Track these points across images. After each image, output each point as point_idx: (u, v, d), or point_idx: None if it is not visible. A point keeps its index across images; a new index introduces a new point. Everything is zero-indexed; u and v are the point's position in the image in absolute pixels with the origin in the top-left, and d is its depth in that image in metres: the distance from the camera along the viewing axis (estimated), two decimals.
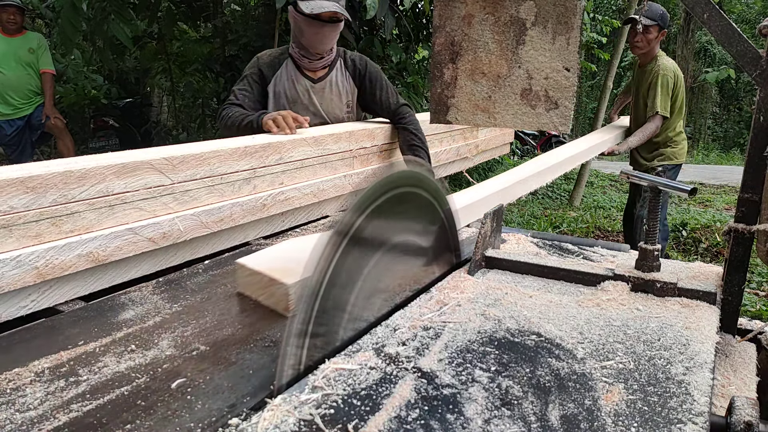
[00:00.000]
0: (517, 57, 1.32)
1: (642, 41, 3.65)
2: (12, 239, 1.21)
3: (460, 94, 1.40)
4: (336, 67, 2.48)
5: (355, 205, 1.00)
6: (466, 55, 1.36)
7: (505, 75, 1.34)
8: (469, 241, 1.67)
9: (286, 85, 2.40)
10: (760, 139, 1.32)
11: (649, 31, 3.61)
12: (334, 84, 2.47)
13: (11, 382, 0.95)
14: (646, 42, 3.65)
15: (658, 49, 3.72)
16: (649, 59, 3.73)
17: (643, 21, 3.56)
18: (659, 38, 3.67)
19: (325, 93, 2.45)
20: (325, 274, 0.95)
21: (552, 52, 1.29)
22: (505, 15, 1.31)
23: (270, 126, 2.02)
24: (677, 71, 3.71)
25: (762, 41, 1.32)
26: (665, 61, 3.69)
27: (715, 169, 11.14)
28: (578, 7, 1.25)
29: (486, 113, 1.38)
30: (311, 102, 2.43)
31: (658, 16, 3.62)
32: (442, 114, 1.43)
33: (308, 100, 2.43)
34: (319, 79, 2.44)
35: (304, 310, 0.91)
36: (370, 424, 0.78)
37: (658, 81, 3.61)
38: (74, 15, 4.15)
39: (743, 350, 1.41)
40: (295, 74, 2.41)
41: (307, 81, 2.42)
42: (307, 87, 2.42)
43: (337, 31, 2.36)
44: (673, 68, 3.68)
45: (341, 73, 2.49)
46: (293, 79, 2.40)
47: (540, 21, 1.28)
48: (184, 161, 1.55)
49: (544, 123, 1.34)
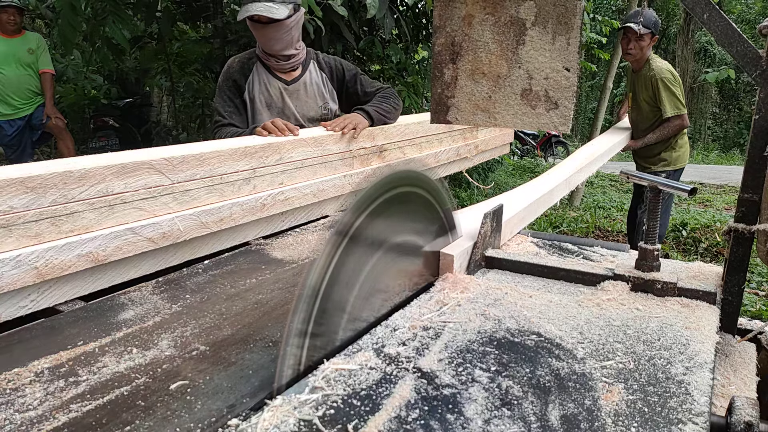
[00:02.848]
0: (517, 57, 1.32)
1: (635, 48, 3.70)
2: (12, 239, 1.21)
3: (461, 94, 1.40)
4: (309, 69, 2.42)
5: (355, 205, 1.00)
6: (466, 56, 1.36)
7: (505, 75, 1.34)
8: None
9: (258, 89, 2.34)
10: (760, 139, 1.32)
11: (643, 38, 3.66)
12: (309, 85, 2.41)
13: (11, 382, 0.95)
14: (639, 49, 3.70)
15: (650, 52, 3.78)
16: (641, 64, 3.78)
17: (640, 30, 3.60)
18: (651, 44, 3.73)
19: (300, 94, 2.40)
20: (326, 274, 0.95)
21: (552, 52, 1.29)
22: (505, 15, 1.31)
23: (262, 134, 1.99)
24: (672, 69, 3.76)
25: (762, 41, 1.32)
26: (659, 63, 3.73)
27: (715, 169, 11.14)
28: (578, 7, 1.25)
29: (486, 113, 1.38)
30: (285, 104, 2.37)
31: (652, 23, 3.67)
32: (442, 114, 1.43)
33: (282, 102, 2.37)
34: (293, 80, 2.38)
35: (304, 310, 0.91)
36: (370, 425, 0.78)
37: (659, 85, 3.65)
38: (73, 15, 4.14)
39: (743, 350, 1.41)
40: (267, 77, 2.35)
41: (279, 83, 2.36)
42: (281, 89, 2.36)
43: (283, 30, 2.23)
44: (667, 68, 3.73)
45: (316, 73, 2.44)
46: (265, 83, 2.34)
47: (540, 21, 1.28)
48: (184, 161, 1.55)
49: (544, 123, 1.34)
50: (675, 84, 3.68)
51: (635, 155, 4.05)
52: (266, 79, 2.34)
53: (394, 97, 2.48)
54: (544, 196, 2.07)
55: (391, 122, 2.42)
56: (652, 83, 3.68)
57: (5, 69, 4.87)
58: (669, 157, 3.83)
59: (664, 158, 3.83)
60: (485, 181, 7.48)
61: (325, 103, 2.45)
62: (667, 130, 3.72)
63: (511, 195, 2.04)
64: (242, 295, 1.35)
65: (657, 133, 3.77)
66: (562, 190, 2.37)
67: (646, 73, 3.73)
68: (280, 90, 2.35)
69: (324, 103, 2.45)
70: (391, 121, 2.42)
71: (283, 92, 2.36)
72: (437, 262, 1.35)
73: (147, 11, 5.15)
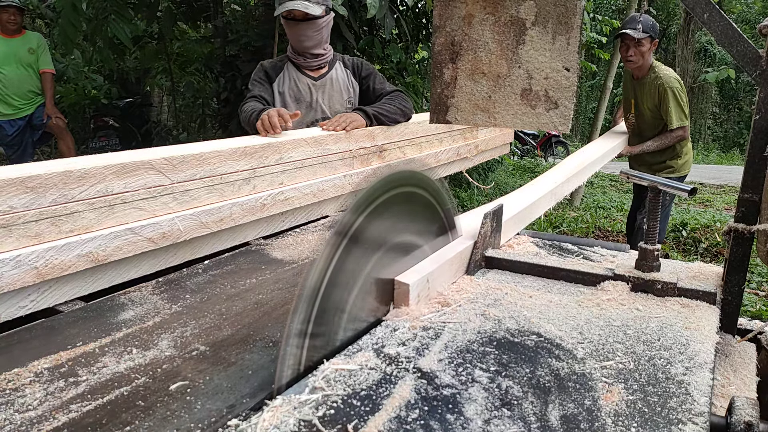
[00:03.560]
0: (517, 57, 1.32)
1: (636, 54, 3.57)
2: (12, 239, 1.21)
3: (460, 94, 1.40)
4: (336, 67, 2.61)
5: (355, 205, 1.00)
6: (466, 55, 1.36)
7: (505, 75, 1.34)
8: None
9: (288, 84, 2.54)
10: (760, 139, 1.32)
11: (641, 43, 3.53)
12: (335, 80, 2.59)
13: (10, 382, 0.95)
14: (639, 55, 3.57)
15: (652, 59, 3.65)
16: (645, 71, 3.65)
17: (638, 35, 3.48)
18: (652, 49, 3.59)
19: (327, 89, 2.58)
20: (325, 274, 0.95)
21: (552, 52, 1.29)
22: (505, 15, 1.30)
23: (259, 129, 2.03)
24: (678, 77, 3.65)
25: (762, 41, 1.32)
26: (665, 71, 3.61)
27: (715, 169, 11.14)
28: (578, 7, 1.25)
29: (486, 113, 1.38)
30: (313, 98, 2.56)
31: (649, 27, 3.54)
32: (441, 114, 1.43)
33: (310, 96, 2.56)
34: (319, 77, 2.57)
35: (304, 310, 0.91)
36: (370, 425, 0.78)
37: (667, 95, 3.54)
38: (75, 15, 4.14)
39: (743, 350, 1.41)
40: (296, 74, 2.55)
41: (308, 79, 2.55)
42: (309, 84, 2.55)
43: (315, 28, 2.43)
44: (675, 76, 3.63)
45: (341, 71, 2.63)
46: (295, 79, 2.55)
47: (540, 21, 1.28)
48: (184, 161, 1.55)
49: (544, 123, 1.34)
50: (683, 94, 3.61)
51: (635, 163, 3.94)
52: (296, 76, 2.55)
53: (401, 99, 2.57)
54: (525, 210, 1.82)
55: (393, 124, 2.48)
56: (660, 91, 3.56)
57: (6, 69, 4.87)
58: (675, 164, 3.76)
59: (671, 165, 3.76)
60: (485, 181, 7.48)
61: (350, 98, 2.63)
62: (668, 140, 3.66)
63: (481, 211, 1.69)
64: (242, 296, 1.35)
65: (657, 142, 3.71)
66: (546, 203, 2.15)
67: (651, 81, 3.61)
68: (308, 85, 2.55)
69: (349, 97, 2.63)
70: (393, 122, 2.48)
71: (312, 87, 2.55)
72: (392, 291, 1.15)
73: (148, 11, 5.16)
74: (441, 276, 1.25)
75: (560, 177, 2.39)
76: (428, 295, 1.21)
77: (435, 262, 1.24)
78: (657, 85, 3.56)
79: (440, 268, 1.24)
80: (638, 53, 3.56)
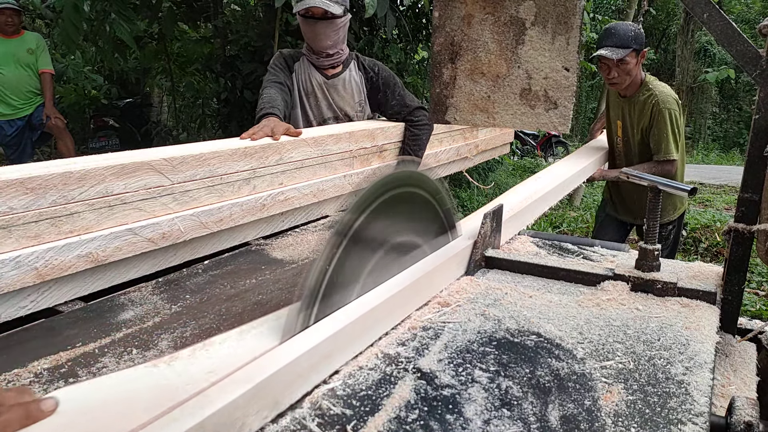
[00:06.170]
0: (516, 57, 1.32)
1: (620, 75, 2.82)
2: (11, 240, 1.21)
3: (460, 94, 1.40)
4: (350, 67, 2.59)
5: (355, 205, 1.00)
6: (465, 55, 1.36)
7: (505, 75, 1.34)
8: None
9: (302, 78, 2.54)
10: (760, 139, 1.32)
11: (624, 61, 2.77)
12: (348, 82, 2.58)
13: (10, 383, 0.95)
14: (624, 74, 2.82)
15: (642, 73, 2.92)
16: (635, 88, 2.91)
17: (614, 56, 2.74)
18: (640, 62, 2.84)
19: (338, 89, 2.56)
20: (325, 274, 0.95)
21: (551, 52, 1.29)
22: (505, 15, 1.30)
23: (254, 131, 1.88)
24: (678, 99, 2.92)
25: (762, 41, 1.32)
26: (662, 89, 2.88)
27: (715, 169, 11.14)
28: (578, 7, 1.25)
29: (485, 113, 1.38)
30: (323, 96, 2.56)
31: (630, 38, 2.75)
32: (441, 114, 1.43)
33: (322, 94, 2.56)
34: (332, 76, 2.55)
35: (304, 310, 0.91)
36: (370, 425, 0.78)
37: (662, 117, 2.82)
38: (76, 15, 4.13)
39: (743, 350, 1.41)
40: (310, 69, 2.54)
41: (321, 77, 2.54)
42: (321, 82, 2.54)
43: (333, 28, 2.43)
44: (674, 96, 2.89)
45: (355, 72, 2.61)
46: (308, 74, 2.54)
47: (540, 21, 1.28)
48: (183, 162, 1.55)
49: (544, 123, 1.34)
50: (680, 119, 2.88)
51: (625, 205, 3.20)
52: (309, 71, 2.54)
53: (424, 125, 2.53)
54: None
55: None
56: (653, 111, 2.84)
57: (4, 69, 4.86)
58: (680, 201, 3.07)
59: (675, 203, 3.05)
60: (485, 181, 7.48)
61: (361, 101, 2.61)
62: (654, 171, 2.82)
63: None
64: (242, 296, 1.35)
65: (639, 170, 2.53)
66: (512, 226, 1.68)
67: (643, 99, 2.88)
68: (320, 83, 2.54)
69: (360, 101, 2.61)
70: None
71: (323, 85, 2.54)
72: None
73: (150, 11, 5.16)
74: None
75: (516, 206, 1.74)
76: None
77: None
78: (651, 104, 2.85)
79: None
80: (622, 72, 2.83)
